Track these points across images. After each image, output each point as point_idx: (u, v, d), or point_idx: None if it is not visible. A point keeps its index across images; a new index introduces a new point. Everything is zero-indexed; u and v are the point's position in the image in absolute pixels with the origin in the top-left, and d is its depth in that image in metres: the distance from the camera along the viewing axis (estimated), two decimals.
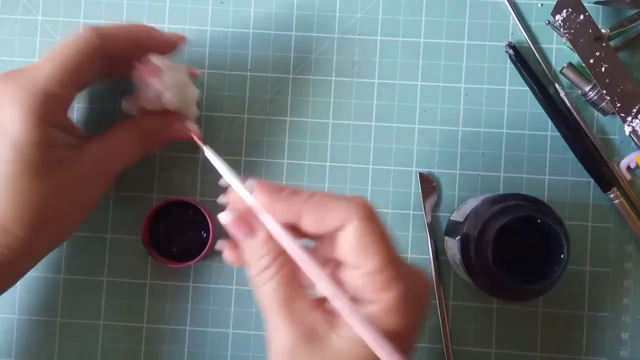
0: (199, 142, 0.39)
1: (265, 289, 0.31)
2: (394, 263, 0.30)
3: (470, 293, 0.47)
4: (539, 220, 0.37)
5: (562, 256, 0.37)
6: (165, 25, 0.49)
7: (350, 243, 0.30)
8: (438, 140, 0.48)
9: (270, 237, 0.31)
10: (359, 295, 0.30)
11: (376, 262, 0.29)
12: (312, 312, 0.31)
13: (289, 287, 0.31)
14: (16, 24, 0.49)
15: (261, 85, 0.48)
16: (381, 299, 0.29)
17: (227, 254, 0.34)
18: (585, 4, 0.44)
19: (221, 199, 0.34)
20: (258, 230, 0.31)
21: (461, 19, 0.48)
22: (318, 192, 0.31)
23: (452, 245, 0.43)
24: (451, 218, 0.46)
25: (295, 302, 0.31)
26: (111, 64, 0.40)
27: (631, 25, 0.46)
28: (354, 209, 0.30)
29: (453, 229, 0.44)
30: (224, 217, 0.32)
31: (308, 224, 0.31)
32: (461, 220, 0.42)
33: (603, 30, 0.45)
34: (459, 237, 0.41)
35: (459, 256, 0.41)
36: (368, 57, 0.48)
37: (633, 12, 0.46)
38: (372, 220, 0.30)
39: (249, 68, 0.49)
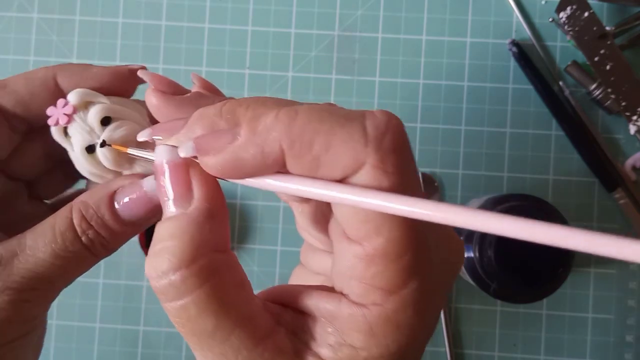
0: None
1: (177, 309, 0.19)
2: (415, 243, 0.18)
3: (473, 295, 0.46)
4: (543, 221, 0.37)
5: (566, 258, 0.37)
6: (163, 23, 0.48)
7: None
8: (440, 140, 0.47)
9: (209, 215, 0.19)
10: (340, 283, 0.19)
11: (389, 240, 0.18)
12: (262, 344, 0.19)
13: (221, 306, 0.18)
14: (11, 22, 0.49)
15: (260, 83, 0.48)
16: (377, 301, 0.18)
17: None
18: (589, 1, 0.44)
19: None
20: (193, 198, 0.19)
21: (464, 16, 0.47)
22: (305, 106, 0.18)
23: None
24: None
25: (233, 329, 0.18)
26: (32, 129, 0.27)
27: (636, 23, 0.45)
28: (371, 141, 0.17)
29: (456, 230, 0.44)
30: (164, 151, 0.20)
31: (291, 167, 0.18)
32: None
33: (608, 28, 0.44)
34: (461, 238, 0.41)
35: None
36: (369, 54, 0.48)
37: (638, 9, 0.46)
38: (396, 164, 0.17)
39: (247, 66, 0.48)
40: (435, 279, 0.19)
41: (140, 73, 0.23)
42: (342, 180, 0.18)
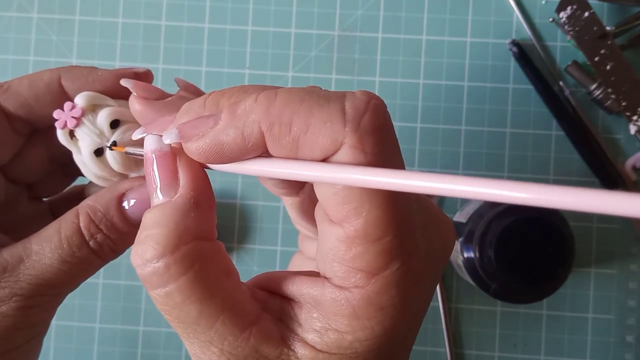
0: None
1: (162, 296, 0.19)
2: (397, 224, 0.18)
3: (473, 295, 0.46)
4: (543, 221, 0.37)
5: (566, 258, 0.37)
6: (163, 23, 0.48)
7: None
8: (440, 140, 0.47)
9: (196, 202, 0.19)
10: (324, 267, 0.19)
11: (369, 220, 0.17)
12: (248, 330, 0.19)
13: (206, 292, 0.18)
14: (11, 22, 0.49)
15: (260, 83, 0.48)
16: (359, 283, 0.18)
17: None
18: (589, 1, 0.44)
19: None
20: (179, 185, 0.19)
21: (464, 16, 0.47)
22: (284, 89, 0.18)
23: (455, 247, 0.43)
24: (454, 219, 0.46)
25: (218, 316, 0.18)
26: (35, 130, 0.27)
27: (636, 23, 0.45)
28: (349, 120, 0.17)
29: (456, 230, 0.44)
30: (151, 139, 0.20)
31: (271, 149, 0.18)
32: (464, 221, 0.42)
33: (608, 28, 0.44)
34: (461, 238, 0.41)
35: (462, 258, 0.41)
36: (369, 54, 0.48)
37: (638, 9, 0.46)
38: (374, 142, 0.17)
39: (247, 66, 0.48)
40: (422, 261, 0.19)
41: (123, 82, 0.23)
42: (323, 162, 0.18)
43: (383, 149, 0.17)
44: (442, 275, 0.46)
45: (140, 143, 0.22)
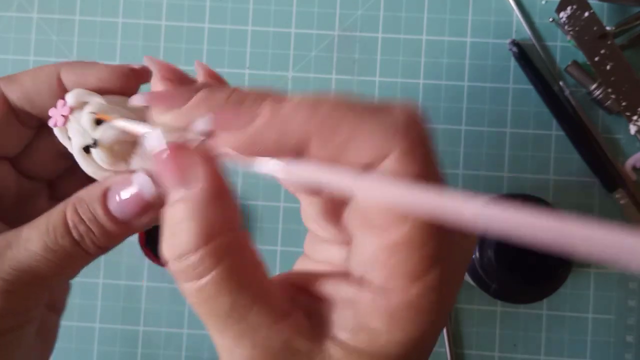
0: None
1: (196, 289, 0.19)
2: (438, 230, 0.18)
3: (473, 296, 0.46)
4: None
5: (566, 257, 0.37)
6: (163, 23, 0.48)
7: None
8: (440, 140, 0.47)
9: (214, 196, 0.19)
10: (361, 270, 0.19)
11: (415, 227, 0.17)
12: (281, 322, 0.19)
13: (238, 284, 0.18)
14: (11, 22, 0.49)
15: (260, 83, 0.48)
16: (401, 287, 0.18)
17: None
18: (589, 1, 0.44)
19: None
20: (194, 180, 0.19)
21: (464, 16, 0.47)
22: (328, 95, 0.18)
23: None
24: None
25: (251, 307, 0.18)
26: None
27: (636, 23, 0.45)
28: (400, 130, 0.17)
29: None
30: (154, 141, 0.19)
31: (316, 151, 0.18)
32: None
33: (608, 28, 0.44)
34: None
35: None
36: (369, 54, 0.48)
37: (638, 9, 0.46)
38: (423, 153, 0.17)
39: (247, 65, 0.48)
40: (456, 265, 0.19)
41: (146, 60, 0.22)
42: (366, 168, 0.17)
43: (430, 158, 0.18)
44: None
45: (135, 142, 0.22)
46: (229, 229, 0.19)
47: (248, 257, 0.19)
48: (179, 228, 0.19)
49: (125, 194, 0.23)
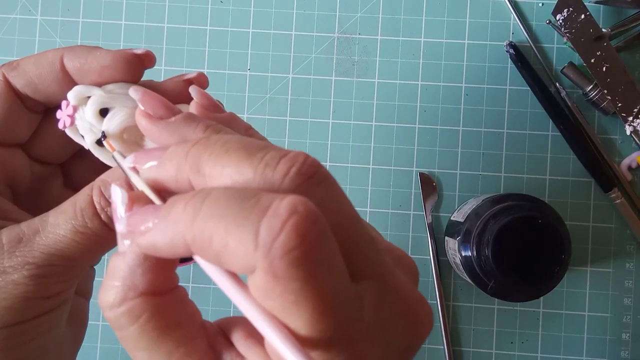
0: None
1: (119, 337, 0.20)
2: (337, 336, 0.17)
3: (471, 294, 0.47)
4: (540, 221, 0.37)
5: (562, 256, 0.37)
6: (165, 25, 0.49)
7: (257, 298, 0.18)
8: (439, 140, 0.48)
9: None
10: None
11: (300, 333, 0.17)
12: None
13: (156, 339, 0.19)
14: (15, 24, 0.49)
15: (261, 84, 0.48)
16: None
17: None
18: (586, 4, 0.44)
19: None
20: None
21: (462, 18, 0.48)
22: (213, 194, 0.17)
23: (453, 246, 0.43)
24: (452, 218, 0.46)
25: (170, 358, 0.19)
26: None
27: (632, 25, 0.46)
28: (261, 247, 0.16)
29: (453, 229, 0.44)
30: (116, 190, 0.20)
31: (197, 257, 0.18)
32: (462, 220, 0.42)
33: (604, 30, 0.44)
34: (459, 237, 0.41)
35: (460, 256, 0.41)
36: (368, 56, 0.48)
37: (634, 11, 0.46)
38: (296, 263, 0.16)
39: (248, 67, 0.48)
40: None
41: (192, 90, 0.23)
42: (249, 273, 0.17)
43: (299, 272, 0.16)
44: (440, 274, 0.47)
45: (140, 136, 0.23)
46: (149, 293, 0.20)
47: (167, 318, 0.20)
48: (107, 282, 0.20)
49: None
